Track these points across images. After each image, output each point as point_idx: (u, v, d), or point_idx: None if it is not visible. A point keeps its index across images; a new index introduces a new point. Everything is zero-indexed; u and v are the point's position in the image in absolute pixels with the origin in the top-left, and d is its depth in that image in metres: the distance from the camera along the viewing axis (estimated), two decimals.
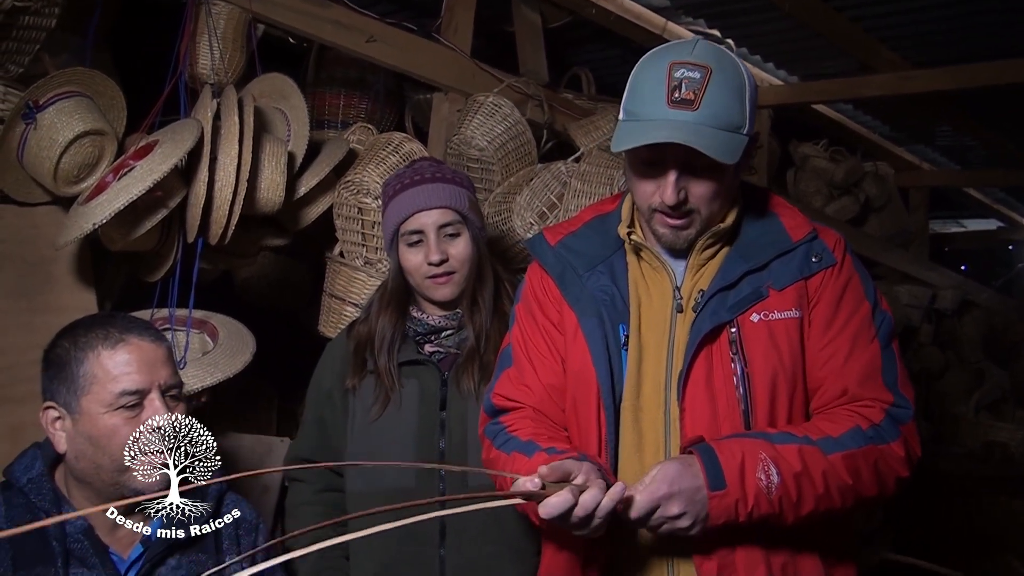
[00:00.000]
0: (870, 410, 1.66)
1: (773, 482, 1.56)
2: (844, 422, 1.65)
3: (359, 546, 2.19)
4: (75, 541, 1.71)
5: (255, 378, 2.86)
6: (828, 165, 5.30)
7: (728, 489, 1.54)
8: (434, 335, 2.24)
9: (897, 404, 1.67)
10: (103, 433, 1.71)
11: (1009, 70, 3.76)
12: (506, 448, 1.75)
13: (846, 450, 1.61)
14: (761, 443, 1.59)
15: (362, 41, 2.94)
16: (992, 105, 4.91)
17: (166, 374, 1.79)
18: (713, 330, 1.68)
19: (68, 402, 1.74)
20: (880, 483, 1.65)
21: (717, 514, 1.55)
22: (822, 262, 1.72)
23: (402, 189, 2.21)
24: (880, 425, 1.65)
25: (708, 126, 1.60)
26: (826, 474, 1.59)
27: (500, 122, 3.06)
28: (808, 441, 1.61)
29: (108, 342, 1.75)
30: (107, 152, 2.41)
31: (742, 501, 1.55)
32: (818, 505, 1.60)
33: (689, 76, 1.61)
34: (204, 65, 2.67)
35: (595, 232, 1.86)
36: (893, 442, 1.65)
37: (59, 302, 2.47)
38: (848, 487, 1.61)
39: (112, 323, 1.80)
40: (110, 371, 1.73)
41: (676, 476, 1.54)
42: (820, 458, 1.59)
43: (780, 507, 1.57)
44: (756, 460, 1.57)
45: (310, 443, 2.32)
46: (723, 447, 1.58)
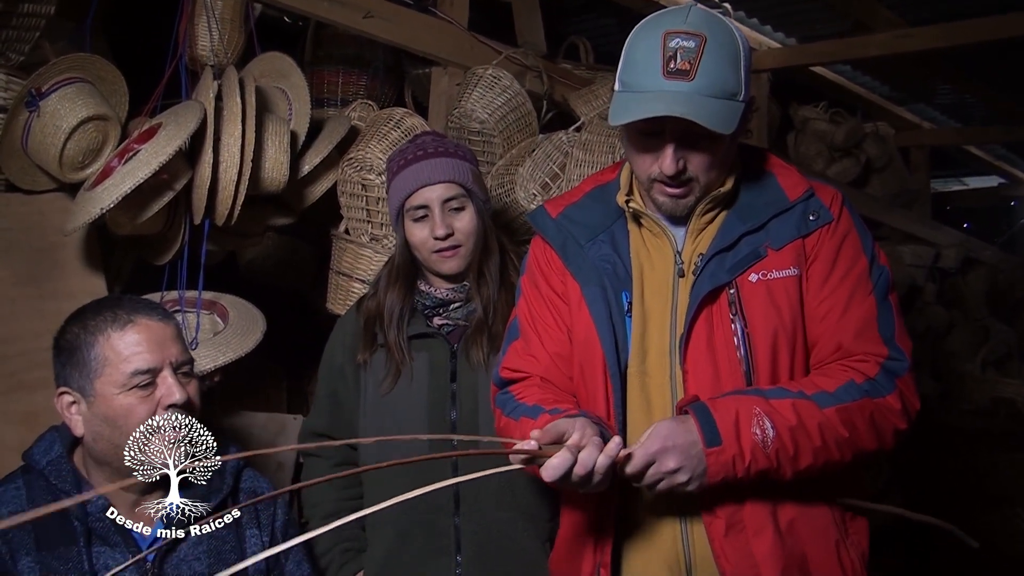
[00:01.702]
0: (864, 364, 1.67)
1: (769, 436, 1.58)
2: (838, 376, 1.66)
3: (374, 516, 2.21)
4: (96, 520, 1.74)
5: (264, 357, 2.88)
6: (828, 127, 5.29)
7: (724, 445, 1.57)
8: (442, 308, 2.26)
9: (892, 357, 1.68)
10: (119, 413, 1.73)
11: (1006, 25, 3.75)
12: (515, 415, 1.78)
13: (840, 403, 1.63)
14: (755, 399, 1.61)
15: (359, 17, 2.93)
16: (990, 61, 4.90)
17: (177, 351, 1.81)
18: (712, 292, 1.70)
19: (82, 386, 1.76)
20: (878, 436, 1.67)
21: (715, 470, 1.57)
22: (819, 219, 1.73)
23: (406, 164, 2.22)
24: (875, 379, 1.66)
25: (705, 95, 1.60)
26: (822, 427, 1.61)
27: (500, 94, 3.05)
28: (802, 395, 1.62)
29: (117, 324, 1.77)
30: (111, 137, 2.42)
31: (739, 456, 1.57)
32: (816, 458, 1.62)
33: (684, 45, 1.61)
34: (203, 47, 2.67)
35: (596, 202, 1.87)
36: (889, 395, 1.66)
37: (68, 288, 2.48)
38: (845, 440, 1.63)
39: (119, 305, 1.82)
40: (121, 352, 1.75)
41: (670, 432, 1.57)
42: (815, 411, 1.61)
43: (777, 461, 1.59)
44: (751, 415, 1.59)
45: (324, 418, 2.35)
46: (717, 404, 1.60)
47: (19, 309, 2.40)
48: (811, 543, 1.71)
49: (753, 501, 1.67)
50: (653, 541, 1.76)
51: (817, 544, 1.71)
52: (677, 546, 1.73)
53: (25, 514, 1.21)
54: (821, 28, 4.57)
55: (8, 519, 1.44)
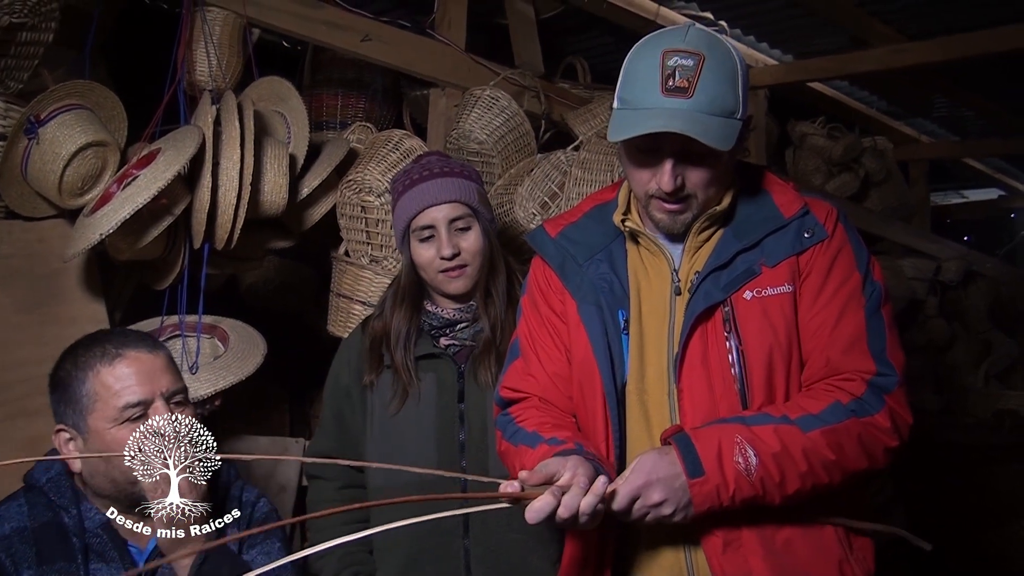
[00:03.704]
0: (851, 383, 1.65)
1: (752, 464, 1.56)
2: (824, 398, 1.64)
3: (383, 540, 2.20)
4: (94, 536, 1.76)
5: (266, 381, 2.87)
6: (826, 142, 5.30)
7: (707, 475, 1.56)
8: (449, 328, 2.25)
9: (881, 373, 1.66)
10: (113, 448, 1.73)
11: (1000, 38, 3.76)
12: (514, 440, 1.78)
13: (826, 425, 1.60)
14: (737, 427, 1.60)
15: (356, 41, 2.95)
16: (986, 74, 4.91)
17: (167, 381, 1.82)
18: (707, 310, 1.69)
19: (76, 423, 1.78)
20: (868, 456, 1.64)
21: (700, 501, 1.56)
22: (814, 237, 1.72)
23: (411, 185, 2.21)
24: (862, 398, 1.64)
25: (703, 113, 1.61)
26: (807, 451, 1.59)
27: (498, 115, 3.06)
28: (786, 420, 1.61)
29: (105, 359, 1.79)
30: (110, 163, 2.42)
31: (723, 486, 1.56)
32: (804, 483, 1.60)
33: (683, 64, 1.62)
34: (202, 72, 2.68)
35: (594, 221, 1.87)
36: (877, 413, 1.64)
37: (70, 314, 2.48)
38: (832, 462, 1.61)
39: (108, 339, 1.84)
40: (111, 387, 1.76)
41: (652, 466, 1.56)
42: (799, 436, 1.59)
43: (763, 488, 1.58)
44: (732, 444, 1.57)
45: (330, 440, 2.33)
46: (699, 435, 1.59)
47: (21, 336, 2.40)
48: (812, 562, 1.69)
49: (750, 519, 1.66)
50: (657, 560, 1.75)
51: (819, 563, 1.69)
52: (680, 565, 1.72)
53: None
54: (818, 44, 4.59)
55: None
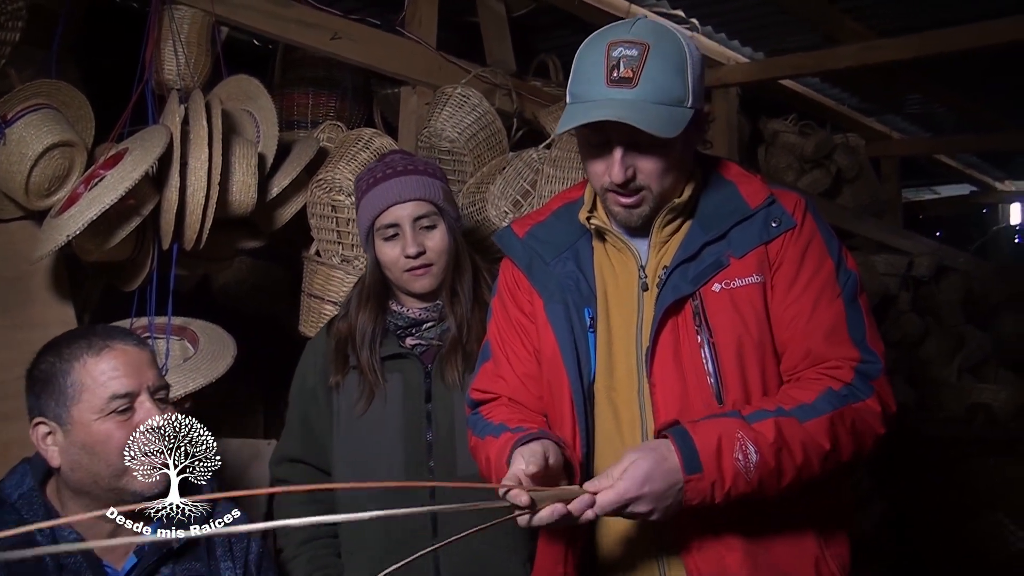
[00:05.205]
0: (839, 370, 1.65)
1: (752, 461, 1.55)
2: (815, 386, 1.64)
3: (352, 545, 2.19)
4: (68, 555, 1.71)
5: (239, 383, 2.86)
6: (798, 139, 5.33)
7: (704, 472, 1.53)
8: (415, 328, 2.24)
9: (865, 360, 1.67)
10: (97, 440, 1.72)
11: (973, 34, 3.79)
12: (481, 433, 1.78)
13: (822, 414, 1.60)
14: (738, 423, 1.58)
15: (326, 39, 2.94)
16: (958, 71, 4.94)
17: (153, 376, 1.80)
18: (675, 303, 1.69)
19: (58, 415, 1.74)
20: (858, 443, 1.65)
21: (692, 496, 1.54)
22: (781, 225, 1.72)
23: (375, 183, 2.20)
24: (852, 383, 1.64)
25: (648, 102, 1.60)
26: (804, 443, 1.58)
27: (469, 113, 3.06)
28: (782, 412, 1.60)
29: (92, 350, 1.76)
30: (77, 163, 2.40)
31: (718, 483, 1.54)
32: (799, 475, 1.60)
33: (627, 54, 1.62)
34: (170, 71, 2.66)
35: (562, 220, 1.87)
36: (868, 399, 1.64)
37: (39, 317, 2.46)
38: (826, 452, 1.61)
39: (93, 332, 1.82)
40: (97, 377, 1.74)
41: (646, 476, 1.52)
42: (797, 428, 1.59)
43: (759, 484, 1.57)
44: (733, 440, 1.55)
45: (296, 443, 2.31)
46: (699, 429, 1.57)
47: None
48: (788, 559, 1.69)
49: (726, 516, 1.65)
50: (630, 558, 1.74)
51: (795, 560, 1.69)
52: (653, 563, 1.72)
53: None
54: (789, 42, 4.60)
55: None
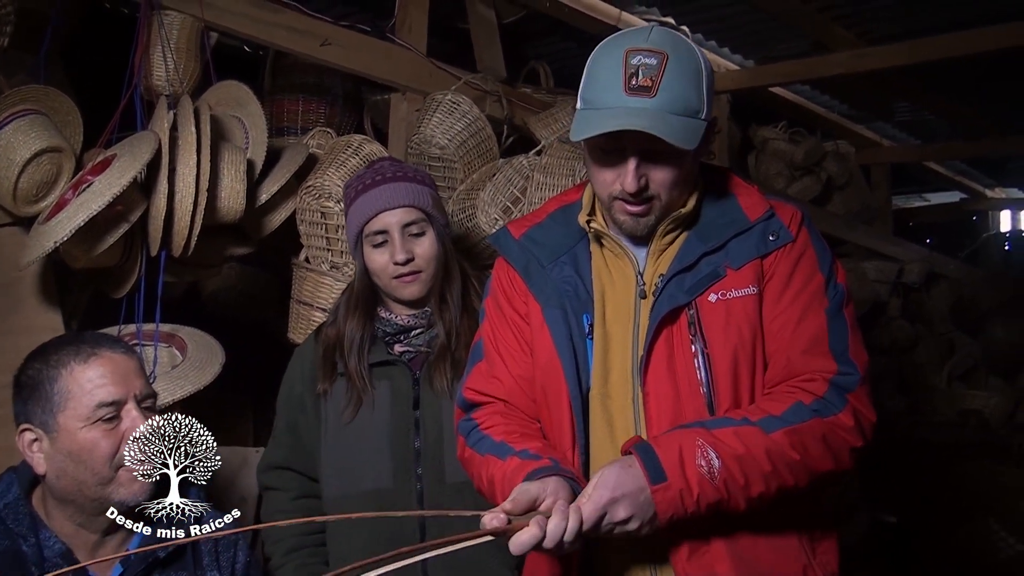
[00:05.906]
0: (812, 383, 1.65)
1: (714, 467, 1.54)
2: (785, 399, 1.63)
3: (338, 551, 2.18)
4: (53, 565, 1.70)
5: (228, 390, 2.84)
6: (788, 147, 5.33)
7: (669, 481, 1.53)
8: (403, 335, 2.24)
9: (842, 372, 1.66)
10: (83, 448, 1.71)
11: (963, 42, 3.80)
12: (479, 448, 1.75)
13: (789, 426, 1.59)
14: (698, 431, 1.58)
15: (316, 45, 2.93)
16: (948, 78, 4.95)
17: (140, 384, 1.79)
18: (671, 313, 1.68)
19: (45, 422, 1.74)
20: (833, 456, 1.64)
21: (664, 508, 1.53)
22: (778, 239, 1.72)
23: (364, 190, 2.20)
24: (824, 397, 1.63)
25: (667, 112, 1.60)
26: (770, 452, 1.58)
27: (459, 119, 3.05)
28: (746, 422, 1.60)
29: (80, 357, 1.75)
30: (65, 169, 2.39)
31: (686, 491, 1.53)
32: (768, 485, 1.58)
33: (646, 63, 1.61)
34: (159, 77, 2.65)
35: (558, 223, 1.86)
36: (839, 412, 1.63)
37: (26, 323, 2.45)
38: (796, 463, 1.60)
39: (82, 340, 1.81)
40: (84, 385, 1.73)
41: (616, 481, 1.52)
42: (761, 437, 1.58)
43: (727, 491, 1.56)
44: (693, 447, 1.55)
45: (283, 450, 2.31)
46: (660, 441, 1.57)
47: None
48: (776, 567, 1.68)
49: (715, 527, 1.64)
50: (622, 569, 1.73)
51: (783, 568, 1.69)
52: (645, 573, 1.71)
53: None
54: (779, 49, 4.62)
55: None
